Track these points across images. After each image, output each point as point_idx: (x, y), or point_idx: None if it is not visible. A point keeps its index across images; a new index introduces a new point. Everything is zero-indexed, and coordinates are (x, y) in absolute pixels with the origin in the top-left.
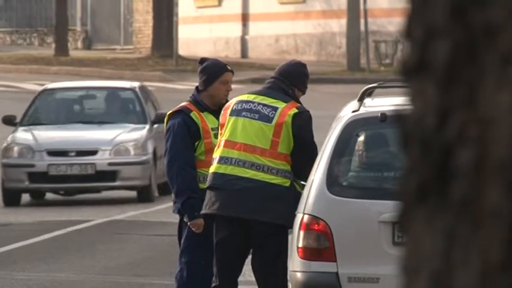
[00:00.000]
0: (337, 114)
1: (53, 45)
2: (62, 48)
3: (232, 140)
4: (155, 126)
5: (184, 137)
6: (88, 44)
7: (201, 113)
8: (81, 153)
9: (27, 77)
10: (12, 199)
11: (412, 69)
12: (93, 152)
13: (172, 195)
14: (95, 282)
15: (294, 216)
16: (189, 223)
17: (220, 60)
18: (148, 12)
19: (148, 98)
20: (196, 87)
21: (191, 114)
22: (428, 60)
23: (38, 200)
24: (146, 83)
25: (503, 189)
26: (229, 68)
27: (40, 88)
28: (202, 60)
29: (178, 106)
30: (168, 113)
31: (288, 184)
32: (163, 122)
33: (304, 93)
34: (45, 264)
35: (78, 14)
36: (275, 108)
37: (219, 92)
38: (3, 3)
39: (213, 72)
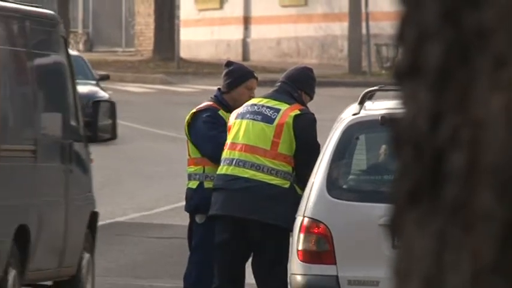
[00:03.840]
0: (337, 117)
1: None
2: None
3: (235, 142)
4: None
5: (214, 128)
6: (89, 46)
7: (226, 113)
8: None
9: None
10: None
11: (404, 73)
12: None
13: (185, 194)
14: (95, 284)
15: (294, 218)
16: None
17: (247, 66)
18: (150, 15)
19: None
20: (219, 89)
21: (219, 112)
22: (421, 63)
23: None
24: (148, 85)
25: (495, 193)
26: (255, 75)
27: None
28: (229, 63)
29: (203, 105)
30: (191, 112)
31: (287, 185)
32: None
33: (311, 98)
34: None
35: (80, 16)
36: (277, 110)
37: (242, 96)
38: None
39: (239, 76)
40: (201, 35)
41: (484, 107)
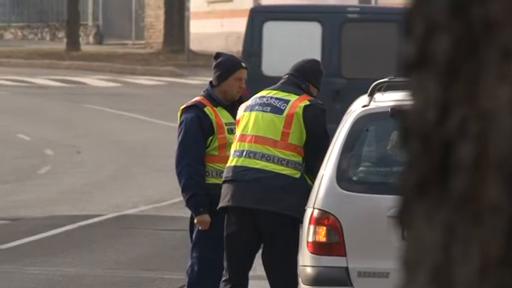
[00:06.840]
0: (347, 109)
1: (65, 40)
2: (73, 43)
3: (245, 134)
4: None
5: (195, 133)
6: (99, 39)
7: (215, 108)
8: None
9: (38, 71)
10: None
11: (412, 65)
12: None
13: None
14: (105, 277)
15: (304, 209)
16: (195, 220)
17: (236, 56)
18: (159, 7)
19: None
20: (210, 82)
21: (205, 109)
22: (429, 55)
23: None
24: (158, 78)
25: (503, 184)
26: (244, 65)
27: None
28: (218, 55)
29: (192, 101)
30: (181, 108)
31: (298, 176)
32: None
33: (319, 90)
34: (56, 258)
35: (90, 8)
36: (287, 101)
37: (232, 88)
38: None
39: (227, 68)
40: (211, 28)
41: (491, 99)
